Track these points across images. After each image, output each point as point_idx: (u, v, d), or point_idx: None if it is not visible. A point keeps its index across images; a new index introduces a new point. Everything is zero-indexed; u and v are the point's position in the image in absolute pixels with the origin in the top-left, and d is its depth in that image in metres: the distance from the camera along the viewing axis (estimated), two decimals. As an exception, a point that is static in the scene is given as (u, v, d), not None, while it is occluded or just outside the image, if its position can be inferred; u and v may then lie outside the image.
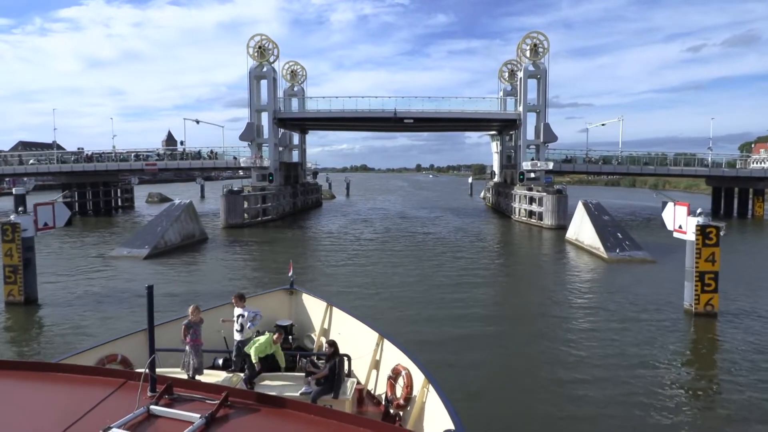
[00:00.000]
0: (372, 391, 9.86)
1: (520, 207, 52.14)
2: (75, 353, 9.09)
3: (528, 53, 54.21)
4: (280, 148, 68.65)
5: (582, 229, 34.38)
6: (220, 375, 8.83)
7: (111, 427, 3.61)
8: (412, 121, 56.49)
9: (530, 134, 55.91)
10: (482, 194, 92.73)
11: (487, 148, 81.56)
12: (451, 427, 6.40)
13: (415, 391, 8.32)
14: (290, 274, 13.09)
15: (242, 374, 8.75)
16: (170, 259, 31.71)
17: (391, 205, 76.75)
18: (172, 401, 4.14)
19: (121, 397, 4.15)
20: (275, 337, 8.81)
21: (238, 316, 9.00)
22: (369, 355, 10.14)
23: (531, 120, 55.82)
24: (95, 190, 67.43)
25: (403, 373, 8.70)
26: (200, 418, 3.76)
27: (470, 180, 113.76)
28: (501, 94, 65.41)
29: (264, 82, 57.18)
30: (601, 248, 30.52)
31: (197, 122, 66.17)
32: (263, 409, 4.07)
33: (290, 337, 11.58)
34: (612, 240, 30.87)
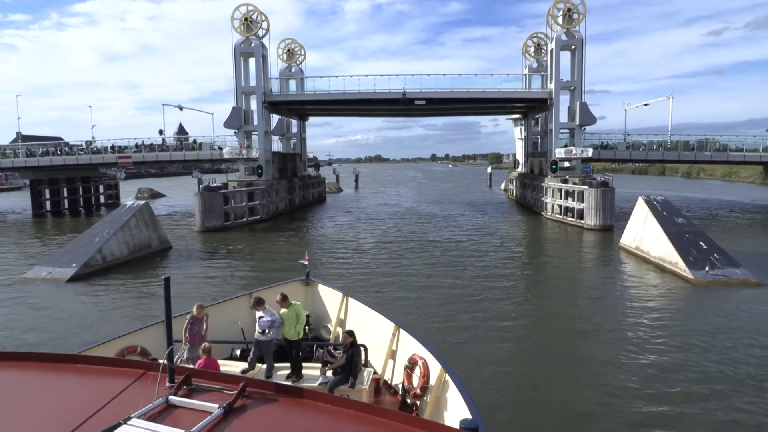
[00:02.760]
0: (389, 381, 9.86)
1: (552, 202, 43.85)
2: (95, 345, 9.11)
3: (561, 20, 45.60)
4: (277, 137, 61.27)
5: (647, 236, 26.12)
6: (237, 365, 8.87)
7: (131, 417, 3.62)
8: (423, 102, 48.30)
9: (563, 116, 47.56)
10: (503, 186, 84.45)
11: (503, 137, 73.45)
12: (469, 416, 6.24)
13: (432, 381, 8.29)
14: (305, 262, 12.77)
15: (260, 364, 8.83)
16: (107, 279, 24.27)
17: (403, 200, 68.72)
18: (190, 391, 4.12)
19: (141, 387, 4.16)
20: (279, 302, 8.84)
21: (259, 318, 8.75)
22: (385, 345, 10.12)
23: (563, 100, 47.44)
24: (72, 186, 60.65)
25: (420, 362, 8.65)
26: (218, 407, 3.74)
27: (489, 170, 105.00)
28: (526, 71, 56.92)
29: (252, 61, 49.42)
30: (681, 264, 22.30)
31: (180, 108, 58.74)
32: (281, 398, 4.05)
33: (307, 327, 10.73)
34: (695, 253, 22.63)
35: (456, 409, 7.13)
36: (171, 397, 3.95)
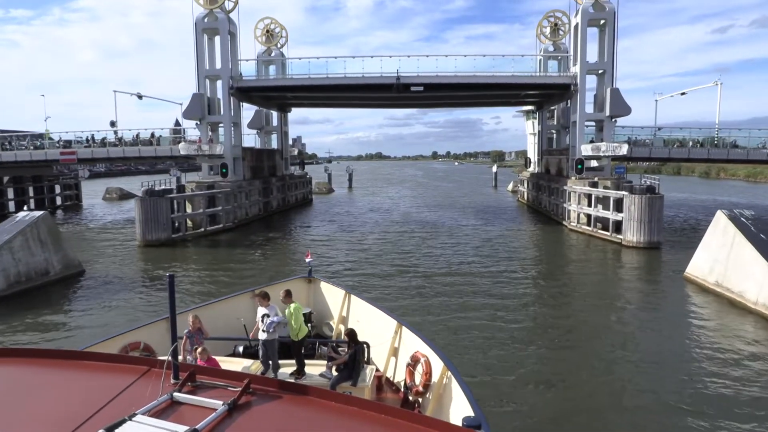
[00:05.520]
0: (391, 378, 9.82)
1: (578, 210, 35.92)
2: (99, 341, 9.00)
3: (588, -11, 37.61)
4: (254, 131, 53.50)
5: (738, 269, 18.19)
6: (241, 362, 8.81)
7: (136, 414, 3.60)
8: (421, 88, 40.31)
9: (588, 106, 39.71)
10: (510, 186, 76.53)
11: (504, 134, 66.70)
12: (471, 413, 6.22)
13: (434, 378, 8.29)
14: (309, 260, 12.55)
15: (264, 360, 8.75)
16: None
17: (399, 203, 60.72)
18: (194, 388, 4.12)
19: (145, 384, 4.14)
20: (282, 299, 8.60)
21: (263, 316, 8.52)
22: (388, 343, 10.09)
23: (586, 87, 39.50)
24: (19, 186, 52.84)
25: (422, 360, 8.64)
26: (223, 404, 3.74)
27: (494, 169, 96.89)
28: (541, 56, 48.84)
29: (218, 39, 41.47)
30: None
31: (140, 97, 50.75)
32: (285, 396, 4.04)
33: (309, 324, 10.85)
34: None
35: (458, 407, 7.04)
36: (175, 394, 3.91)
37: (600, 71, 38.99)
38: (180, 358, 7.61)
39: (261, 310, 8.61)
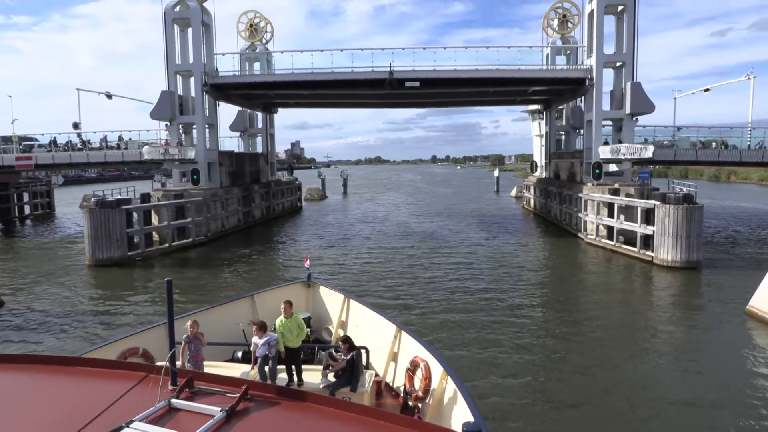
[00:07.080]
0: (390, 384, 9.72)
1: (597, 221, 31.44)
2: (97, 347, 9.03)
3: (605, -29, 33.27)
4: (237, 134, 49.15)
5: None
6: (239, 368, 8.66)
7: (133, 420, 3.54)
8: (417, 84, 35.90)
9: (605, 104, 35.42)
10: (513, 192, 72.15)
11: (503, 138, 62.47)
12: (471, 419, 6.09)
13: (434, 384, 8.20)
14: (307, 265, 12.66)
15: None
16: None
17: (395, 211, 56.20)
18: (192, 394, 4.06)
19: (143, 390, 4.09)
20: (283, 309, 8.32)
21: (255, 345, 8.16)
22: (387, 348, 9.96)
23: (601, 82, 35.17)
24: (-19, 195, 48.48)
25: (422, 365, 8.51)
26: (221, 411, 3.67)
27: (496, 173, 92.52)
28: (548, 51, 44.49)
29: (191, 32, 37.11)
30: None
31: (109, 96, 46.36)
32: (283, 402, 3.98)
33: (308, 329, 10.32)
34: None
35: (458, 412, 6.92)
36: (173, 401, 3.86)
37: (618, 64, 34.68)
38: (178, 363, 7.16)
39: (255, 340, 8.18)
